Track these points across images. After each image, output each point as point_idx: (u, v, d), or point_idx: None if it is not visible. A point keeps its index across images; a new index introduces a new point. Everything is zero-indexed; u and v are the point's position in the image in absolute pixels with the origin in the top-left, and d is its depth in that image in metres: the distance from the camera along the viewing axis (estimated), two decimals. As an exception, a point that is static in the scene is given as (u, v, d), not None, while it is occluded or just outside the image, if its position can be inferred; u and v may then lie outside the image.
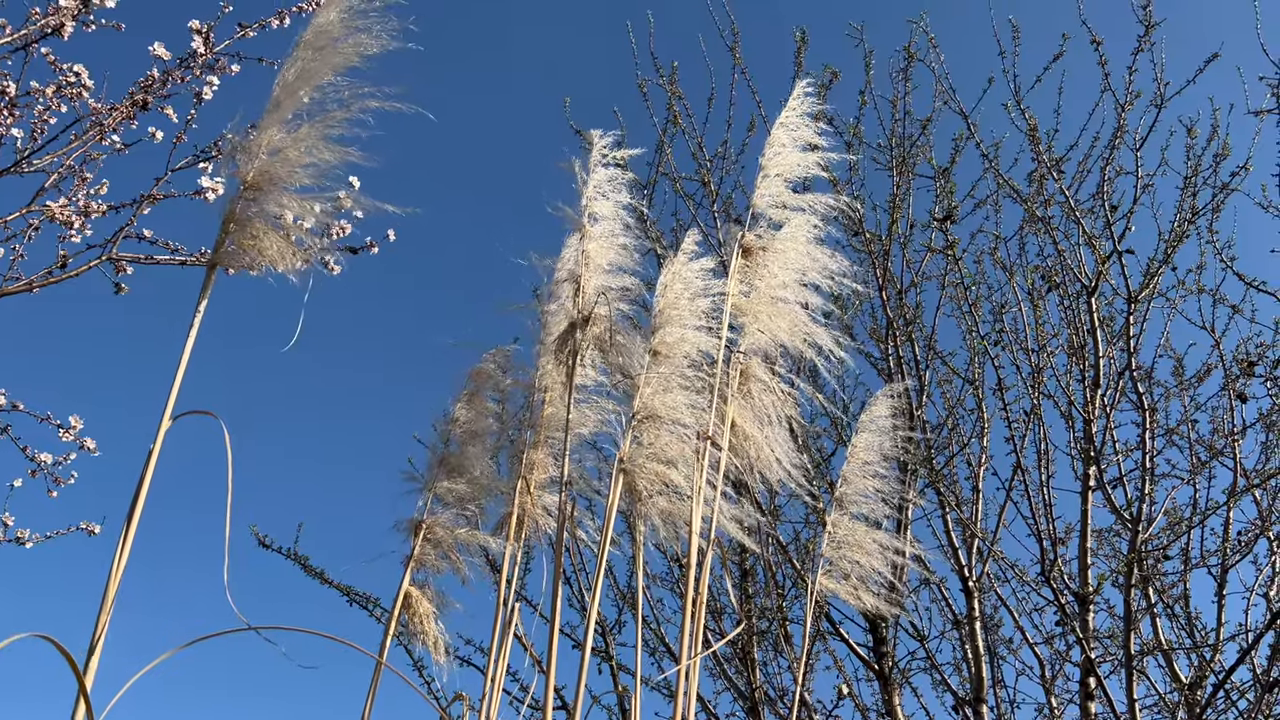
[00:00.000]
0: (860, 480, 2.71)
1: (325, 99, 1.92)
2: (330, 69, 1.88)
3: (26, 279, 2.92)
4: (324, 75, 1.87)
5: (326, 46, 1.87)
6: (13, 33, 2.79)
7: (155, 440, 1.64)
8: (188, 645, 1.55)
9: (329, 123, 1.89)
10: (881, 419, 2.84)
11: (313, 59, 1.86)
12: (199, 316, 1.77)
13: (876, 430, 2.81)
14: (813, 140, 2.65)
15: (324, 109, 1.93)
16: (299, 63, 1.87)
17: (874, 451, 2.77)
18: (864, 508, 2.69)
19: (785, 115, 2.70)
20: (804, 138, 2.65)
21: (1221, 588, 4.71)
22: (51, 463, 3.25)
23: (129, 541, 1.58)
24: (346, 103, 1.90)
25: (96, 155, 2.93)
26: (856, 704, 5.05)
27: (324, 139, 1.88)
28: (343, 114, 1.90)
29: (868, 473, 2.72)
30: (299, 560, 4.51)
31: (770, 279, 2.45)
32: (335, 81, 1.90)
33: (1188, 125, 5.24)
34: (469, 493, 2.47)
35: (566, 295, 2.39)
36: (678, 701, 2.13)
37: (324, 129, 1.89)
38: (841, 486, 2.72)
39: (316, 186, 1.90)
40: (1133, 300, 5.08)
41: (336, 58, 1.88)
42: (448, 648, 2.44)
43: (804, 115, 2.68)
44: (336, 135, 1.89)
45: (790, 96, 2.73)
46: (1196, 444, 5.08)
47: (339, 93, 1.90)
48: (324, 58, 1.86)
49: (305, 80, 1.86)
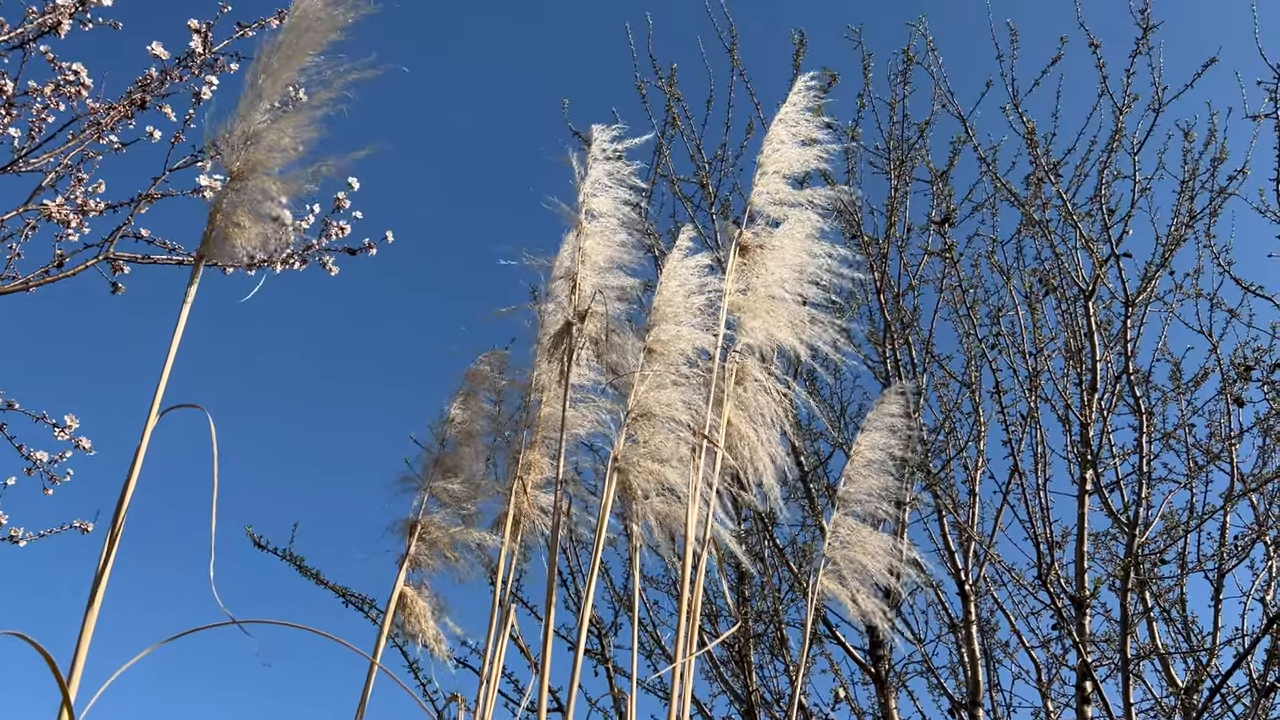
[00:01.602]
0: (864, 480, 2.69)
1: (309, 81, 1.91)
2: (311, 49, 1.86)
3: (23, 278, 2.92)
4: (305, 57, 1.86)
5: (309, 29, 1.85)
6: (10, 30, 2.79)
7: (143, 436, 1.64)
8: (171, 640, 1.54)
9: (314, 105, 1.88)
10: (889, 417, 2.82)
11: (294, 42, 1.85)
12: (186, 308, 1.76)
13: (884, 429, 2.79)
14: (812, 135, 2.64)
15: (308, 91, 1.91)
16: (280, 47, 1.85)
17: (879, 450, 2.75)
18: (868, 507, 2.67)
19: (785, 111, 2.68)
20: (804, 133, 2.63)
21: (1218, 592, 4.71)
22: (47, 461, 3.25)
23: (117, 538, 1.58)
24: (329, 81, 1.88)
25: (94, 154, 2.93)
26: (853, 707, 5.05)
27: (310, 123, 1.87)
28: (326, 94, 1.88)
29: (872, 471, 2.70)
30: (294, 561, 4.50)
31: (768, 276, 2.44)
32: (317, 62, 1.88)
33: (1185, 129, 5.25)
34: (465, 492, 2.47)
35: (563, 293, 2.39)
36: (673, 703, 2.12)
37: (309, 113, 1.87)
38: (845, 485, 2.70)
39: (306, 176, 1.89)
40: (1130, 304, 5.09)
41: (318, 37, 1.86)
42: (447, 652, 2.43)
43: (804, 110, 2.67)
44: (321, 118, 1.87)
45: (791, 92, 2.72)
46: (1194, 448, 5.08)
47: (321, 73, 1.88)
48: (305, 40, 1.84)
49: (287, 64, 1.85)
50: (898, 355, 5.29)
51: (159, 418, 1.66)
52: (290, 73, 1.89)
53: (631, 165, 2.46)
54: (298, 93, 1.98)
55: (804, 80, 2.75)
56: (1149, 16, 5.12)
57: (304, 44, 1.88)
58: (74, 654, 1.50)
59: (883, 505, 2.69)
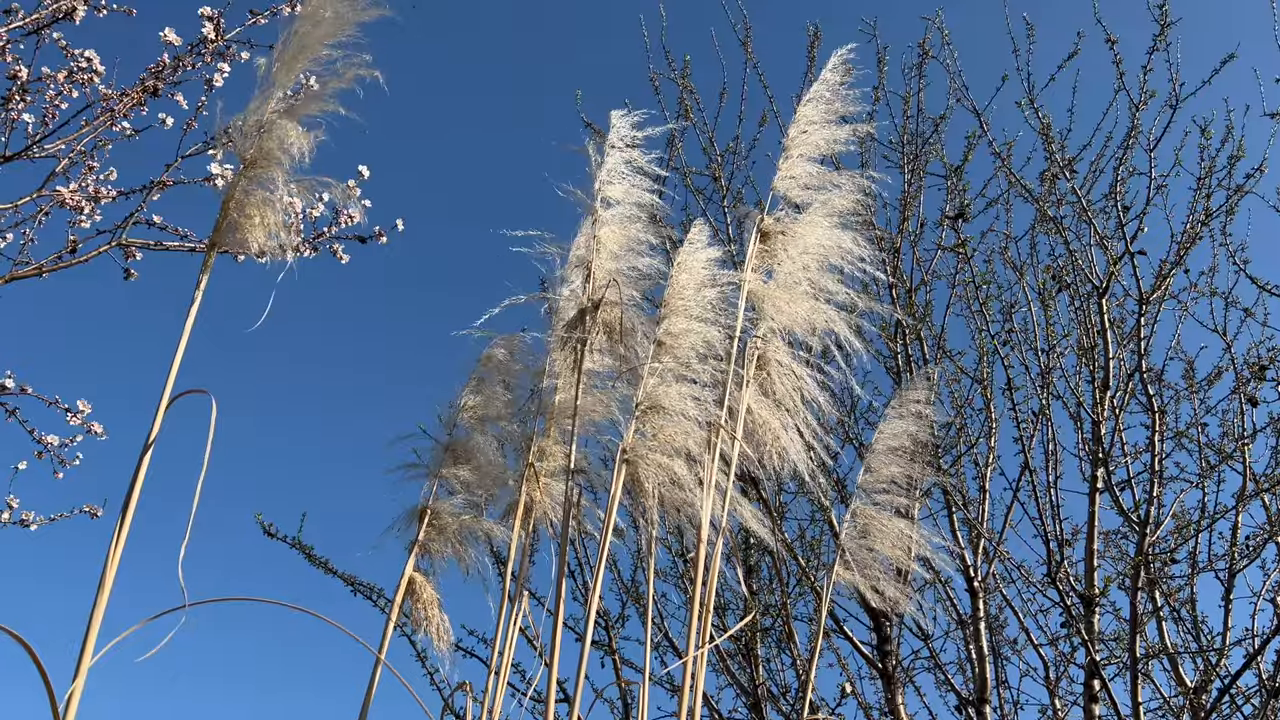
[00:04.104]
0: (885, 467, 2.65)
1: (321, 71, 1.90)
2: (325, 39, 1.86)
3: (37, 263, 2.93)
4: (319, 48, 1.85)
5: (323, 20, 1.85)
6: (25, 17, 2.79)
7: (154, 422, 1.64)
8: (151, 620, 1.54)
9: (325, 94, 1.87)
10: (914, 404, 2.78)
11: (309, 32, 1.85)
12: (199, 296, 1.76)
13: (908, 416, 2.74)
14: (847, 111, 2.57)
15: (320, 80, 1.91)
16: (294, 37, 1.85)
17: (903, 437, 2.70)
18: (888, 496, 2.63)
19: (816, 89, 2.61)
20: (838, 110, 2.57)
21: (1229, 592, 4.68)
22: (58, 445, 3.25)
23: (125, 527, 1.58)
24: (340, 73, 1.88)
25: (106, 141, 2.93)
26: (859, 702, 5.04)
27: (321, 113, 1.86)
28: (337, 84, 1.88)
29: (894, 459, 2.66)
30: (303, 549, 4.52)
31: (790, 264, 2.41)
32: (329, 53, 1.88)
33: (1202, 126, 5.20)
34: (475, 479, 2.46)
35: (577, 281, 2.37)
36: (684, 695, 2.11)
37: (320, 104, 1.87)
38: (864, 475, 2.67)
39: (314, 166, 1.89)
40: (1144, 302, 5.05)
41: (331, 28, 1.85)
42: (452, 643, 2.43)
43: (836, 87, 2.60)
44: (332, 110, 1.87)
45: (823, 69, 2.65)
46: (1206, 447, 5.04)
47: (333, 64, 1.88)
48: (319, 30, 1.84)
49: (301, 54, 1.84)
50: (909, 350, 5.27)
51: (169, 404, 1.66)
52: (303, 63, 1.89)
53: (649, 154, 2.44)
54: (309, 81, 1.97)
55: (838, 56, 2.69)
56: (1167, 13, 5.08)
57: (318, 35, 1.88)
58: (82, 642, 1.49)
59: (902, 494, 2.66)
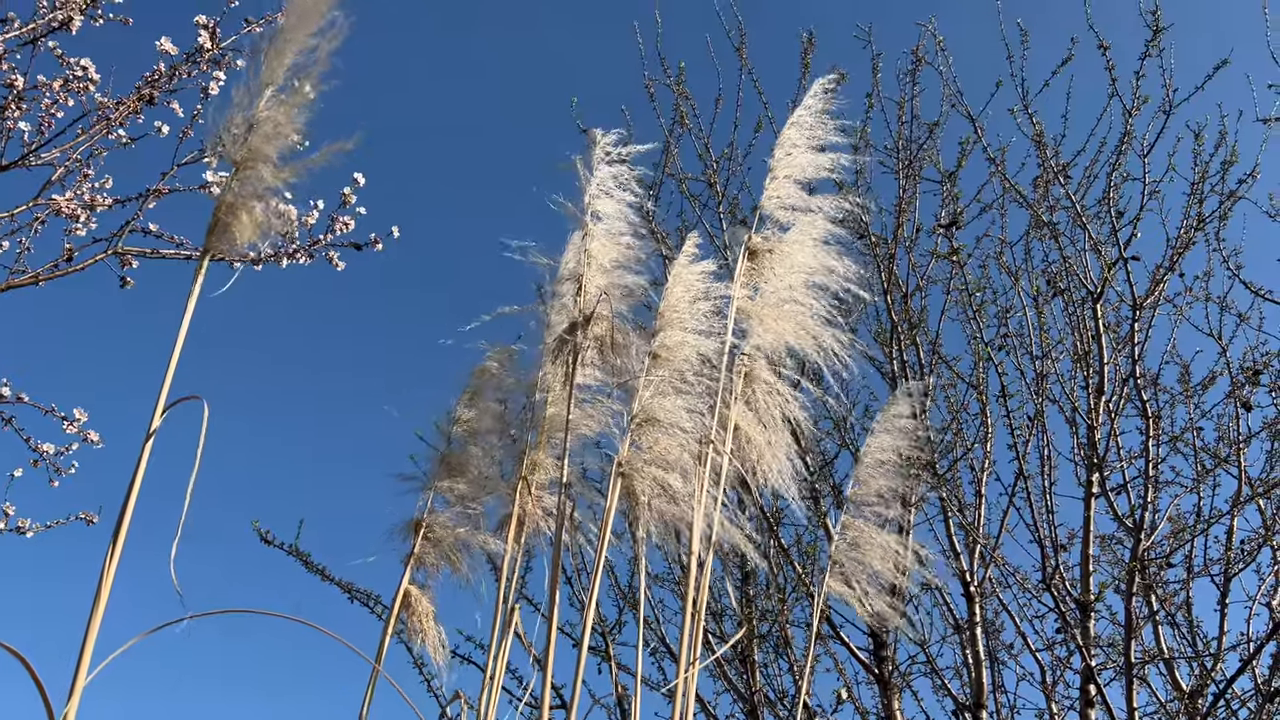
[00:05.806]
0: (874, 481, 2.67)
1: (306, 63, 1.90)
2: (308, 33, 1.85)
3: (33, 272, 2.93)
4: (303, 42, 1.85)
5: (307, 15, 1.84)
6: (21, 26, 2.80)
7: (149, 430, 1.64)
8: (149, 633, 1.55)
9: (312, 87, 1.87)
10: (900, 419, 2.80)
11: (294, 26, 1.84)
12: (192, 303, 1.77)
13: (894, 431, 2.77)
14: (827, 140, 2.62)
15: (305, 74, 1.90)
16: (280, 34, 1.85)
17: (890, 452, 2.73)
18: (877, 509, 2.65)
19: (798, 115, 2.66)
20: (818, 137, 2.62)
21: (1224, 596, 4.69)
22: (54, 453, 3.26)
23: (122, 535, 1.58)
24: (324, 65, 1.87)
25: (102, 150, 2.93)
26: (856, 707, 5.05)
27: (309, 106, 1.86)
28: (320, 69, 1.86)
29: (882, 473, 2.69)
30: (300, 556, 4.52)
31: (777, 282, 2.43)
32: (313, 44, 1.87)
33: (1196, 132, 5.22)
34: (470, 492, 2.47)
35: (568, 294, 2.38)
36: (676, 704, 2.12)
37: (308, 97, 1.87)
38: (854, 488, 2.69)
39: (307, 162, 1.88)
40: (1138, 307, 5.07)
41: (314, 23, 1.84)
42: (449, 647, 2.43)
43: (819, 114, 2.65)
44: (322, 108, 1.86)
45: (805, 95, 2.70)
46: (1201, 452, 5.05)
47: (317, 57, 1.87)
48: (304, 25, 1.83)
49: (286, 49, 1.84)
50: (904, 356, 5.28)
51: (165, 412, 1.66)
52: (289, 57, 1.88)
53: (636, 170, 2.45)
54: (299, 84, 1.97)
55: (820, 84, 2.74)
56: (1159, 19, 5.10)
57: (302, 29, 1.87)
58: (79, 652, 1.50)
59: (892, 507, 2.68)
